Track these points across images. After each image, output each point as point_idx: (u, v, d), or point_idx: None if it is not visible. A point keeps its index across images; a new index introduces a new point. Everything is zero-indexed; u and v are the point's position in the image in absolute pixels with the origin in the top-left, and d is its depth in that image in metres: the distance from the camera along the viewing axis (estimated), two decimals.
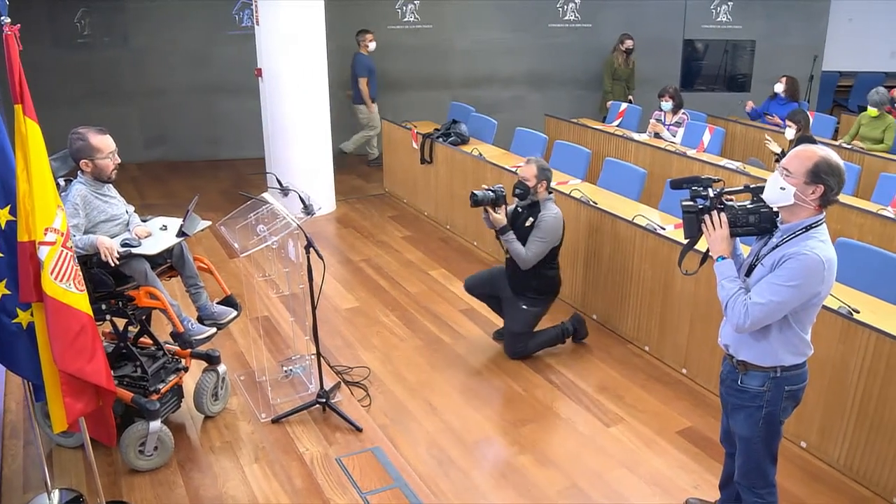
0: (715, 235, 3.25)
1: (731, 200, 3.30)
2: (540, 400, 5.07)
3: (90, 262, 4.07)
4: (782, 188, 3.07)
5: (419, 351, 5.68)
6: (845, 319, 4.16)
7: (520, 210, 5.42)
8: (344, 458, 4.36)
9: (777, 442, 3.39)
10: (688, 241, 3.43)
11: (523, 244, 5.27)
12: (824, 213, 3.12)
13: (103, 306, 4.16)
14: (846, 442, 4.25)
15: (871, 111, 8.31)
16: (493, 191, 5.23)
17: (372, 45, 10.14)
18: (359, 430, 4.59)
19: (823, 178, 3.00)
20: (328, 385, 4.82)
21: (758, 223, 3.23)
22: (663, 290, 5.41)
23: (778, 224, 3.19)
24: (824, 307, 4.15)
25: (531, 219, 5.31)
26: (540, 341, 5.58)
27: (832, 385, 4.26)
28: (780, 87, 9.32)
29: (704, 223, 3.29)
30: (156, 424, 4.18)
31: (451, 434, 4.67)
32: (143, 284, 4.19)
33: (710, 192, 3.29)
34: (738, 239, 3.34)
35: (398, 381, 5.25)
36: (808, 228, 3.07)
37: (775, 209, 3.18)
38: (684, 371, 5.34)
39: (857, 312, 4.22)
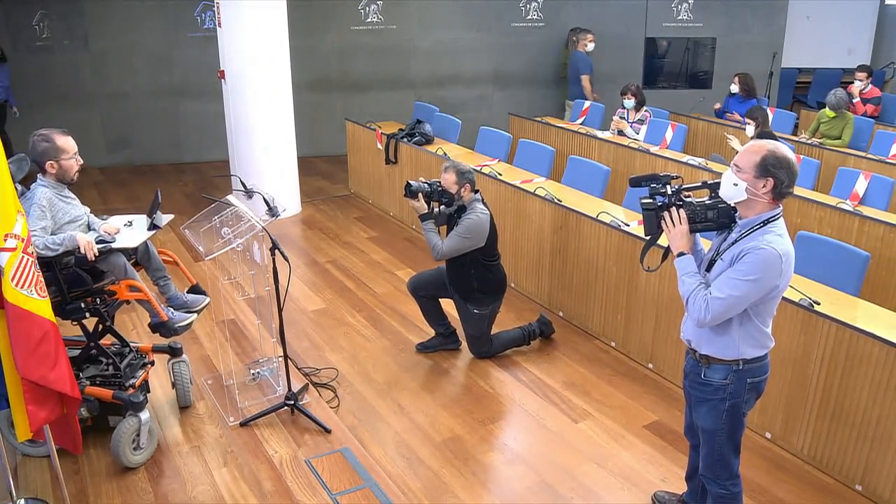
0: (675, 232, 3.29)
1: (690, 197, 3.34)
2: (508, 397, 5.10)
3: (62, 263, 4.08)
4: (735, 184, 3.12)
5: (386, 351, 5.68)
6: (806, 311, 4.23)
7: (452, 215, 5.35)
8: (313, 459, 4.35)
9: (740, 434, 3.42)
10: (648, 238, 3.46)
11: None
12: (780, 207, 3.16)
13: (82, 304, 4.17)
14: (809, 431, 4.32)
15: (830, 113, 8.44)
16: (428, 184, 5.22)
17: (591, 46, 10.39)
18: (327, 431, 4.58)
19: (772, 172, 3.04)
20: (296, 387, 4.80)
21: (716, 219, 3.26)
22: (628, 286, 5.46)
23: (736, 219, 3.23)
24: (786, 299, 4.24)
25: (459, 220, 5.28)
26: (504, 341, 5.60)
27: (794, 376, 4.32)
28: (735, 88, 9.45)
29: (664, 220, 3.32)
30: (146, 415, 4.26)
31: (419, 433, 4.67)
32: (122, 278, 4.22)
33: (669, 190, 3.32)
34: (697, 235, 3.38)
35: (366, 382, 5.24)
36: (765, 223, 3.11)
37: (733, 204, 3.22)
38: (650, 366, 5.39)
39: (818, 304, 4.28)
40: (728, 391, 3.30)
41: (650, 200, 3.36)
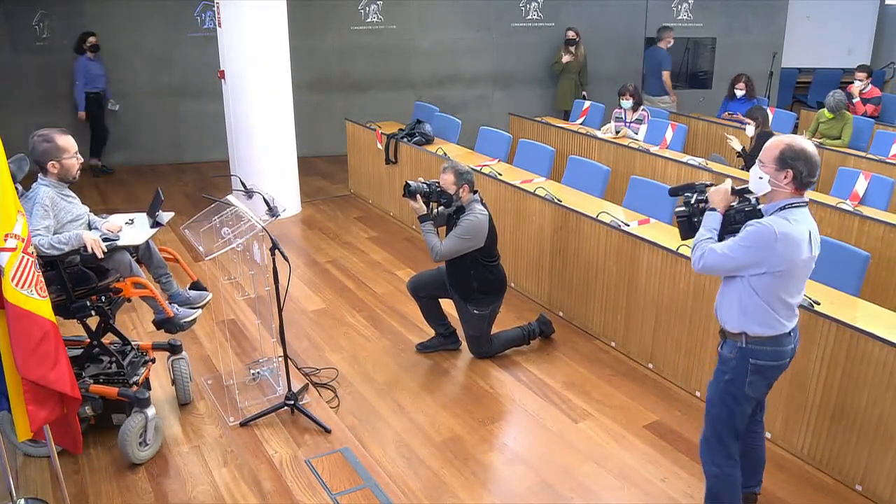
0: (718, 188, 3.52)
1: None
2: (508, 397, 5.10)
3: (66, 261, 4.08)
4: (760, 177, 3.37)
5: (386, 351, 5.68)
6: (806, 311, 4.22)
7: (451, 215, 5.33)
8: (313, 459, 4.35)
9: (740, 418, 3.54)
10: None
11: None
12: (806, 197, 3.35)
13: (87, 303, 4.19)
14: (809, 431, 4.32)
15: (828, 114, 8.43)
16: (427, 184, 5.22)
17: (671, 42, 10.82)
18: (327, 431, 4.58)
19: (790, 163, 3.26)
20: (296, 387, 4.80)
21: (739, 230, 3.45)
22: (628, 286, 5.46)
23: None
24: None
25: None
26: (504, 340, 5.59)
27: (795, 376, 4.32)
28: (741, 92, 9.45)
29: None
30: (152, 411, 4.29)
31: (419, 433, 4.67)
32: (127, 276, 4.26)
33: (703, 197, 3.60)
34: None
35: (366, 382, 5.24)
36: (782, 208, 3.31)
37: (759, 196, 3.44)
38: (650, 366, 5.39)
39: (818, 304, 4.28)
40: (730, 366, 3.48)
41: (683, 208, 3.63)
